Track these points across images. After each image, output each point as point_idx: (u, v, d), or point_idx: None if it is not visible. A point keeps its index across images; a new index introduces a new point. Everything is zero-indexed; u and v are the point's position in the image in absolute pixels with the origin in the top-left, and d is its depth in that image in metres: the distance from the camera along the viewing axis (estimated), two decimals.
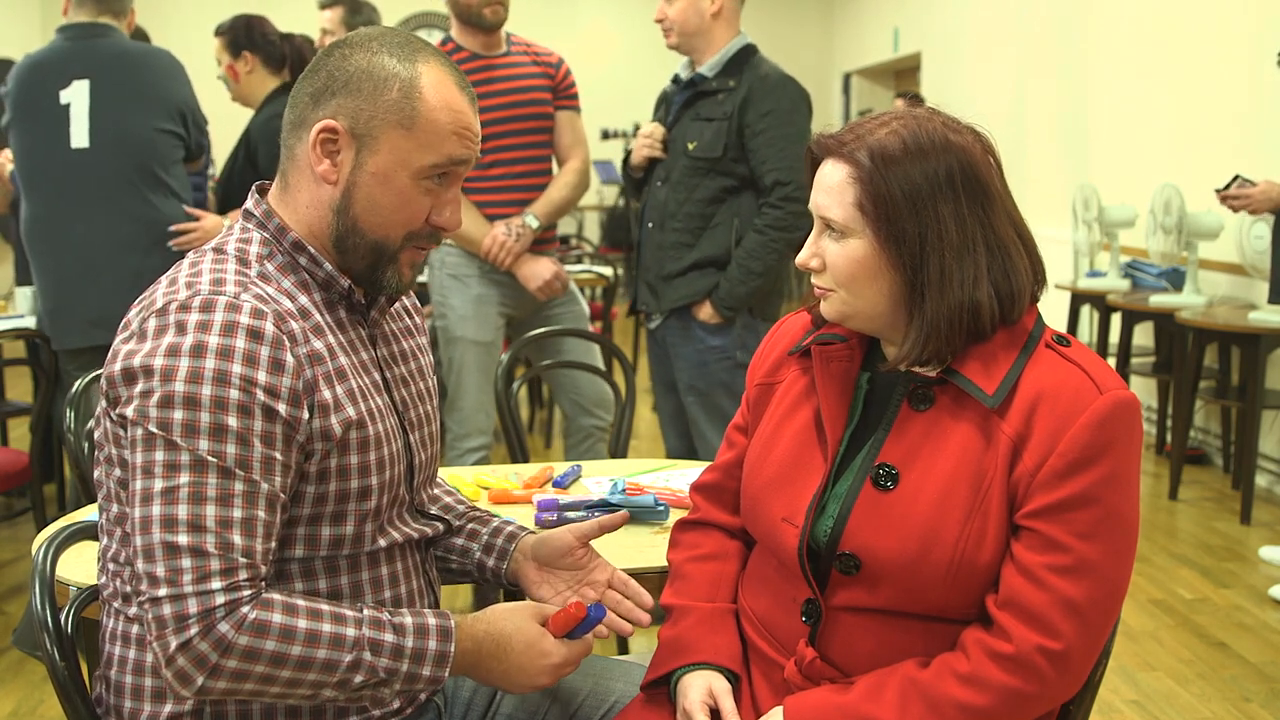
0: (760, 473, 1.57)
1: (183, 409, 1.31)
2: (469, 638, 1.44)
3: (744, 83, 3.32)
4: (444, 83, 1.45)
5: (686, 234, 3.37)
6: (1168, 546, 4.35)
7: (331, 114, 1.44)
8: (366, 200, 1.45)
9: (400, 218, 1.46)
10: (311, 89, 1.46)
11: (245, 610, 1.30)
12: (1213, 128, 5.45)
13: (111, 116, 3.50)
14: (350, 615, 1.37)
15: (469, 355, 3.64)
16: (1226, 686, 3.20)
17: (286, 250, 1.47)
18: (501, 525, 1.74)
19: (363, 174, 1.44)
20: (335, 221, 1.47)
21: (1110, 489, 1.36)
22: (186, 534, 1.29)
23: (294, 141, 1.48)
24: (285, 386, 1.35)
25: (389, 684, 1.39)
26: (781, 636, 1.52)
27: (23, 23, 9.89)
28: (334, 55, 1.47)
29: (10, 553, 4.28)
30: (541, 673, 1.47)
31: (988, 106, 7.66)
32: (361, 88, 1.43)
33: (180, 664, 1.29)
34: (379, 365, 1.54)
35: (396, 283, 1.51)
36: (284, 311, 1.39)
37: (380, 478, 1.46)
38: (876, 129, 1.44)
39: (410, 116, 1.43)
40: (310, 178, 1.47)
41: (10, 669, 3.35)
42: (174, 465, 1.31)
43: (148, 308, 1.38)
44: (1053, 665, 1.34)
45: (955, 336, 1.42)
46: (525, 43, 3.72)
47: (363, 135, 1.43)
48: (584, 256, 8.03)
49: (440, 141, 1.44)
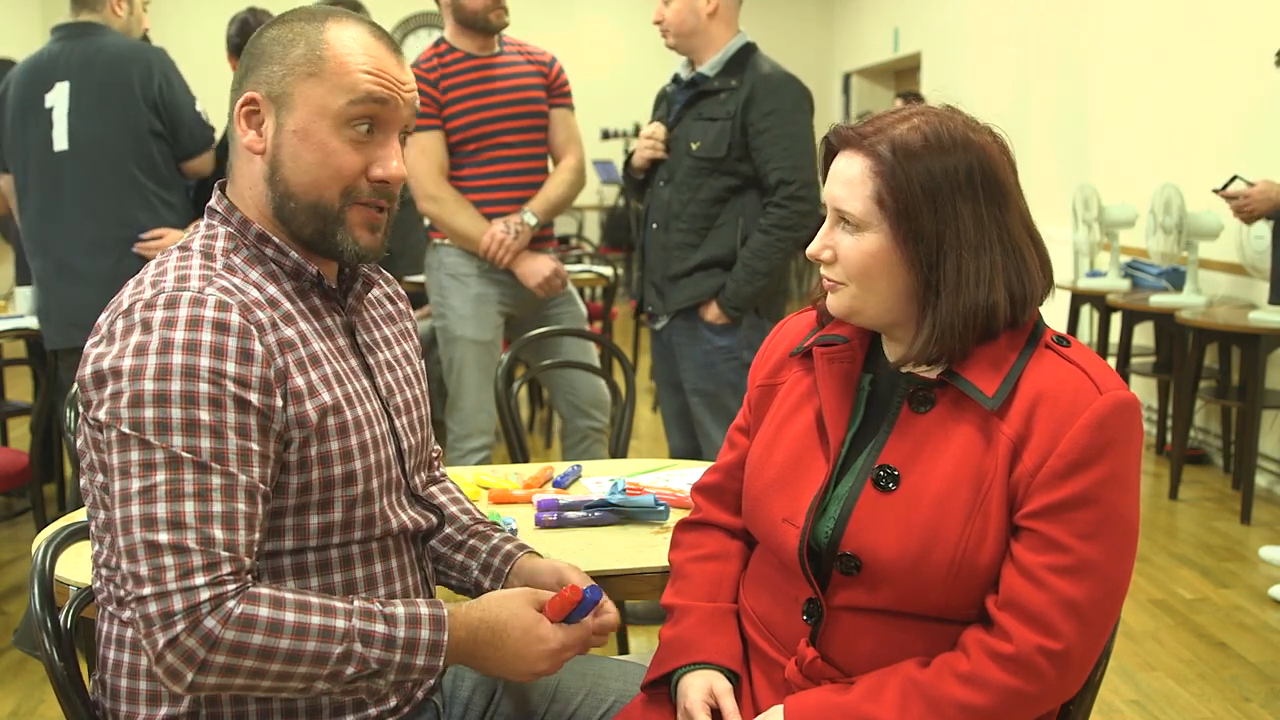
0: (762, 474, 1.57)
1: (153, 407, 1.30)
2: (463, 626, 1.43)
3: (746, 82, 3.32)
4: (354, 31, 1.46)
5: (691, 234, 3.37)
6: (1168, 546, 4.35)
7: (251, 87, 1.45)
8: (292, 161, 1.45)
9: (327, 172, 1.44)
10: (238, 76, 1.48)
11: (231, 605, 1.30)
12: (1213, 127, 5.45)
13: (86, 118, 3.51)
14: (340, 607, 1.36)
15: (469, 355, 3.64)
16: (1226, 686, 3.20)
17: (252, 243, 1.47)
18: (500, 544, 1.71)
19: (284, 135, 1.44)
20: (270, 192, 1.46)
21: (1110, 489, 1.36)
22: (167, 532, 1.29)
23: (234, 130, 1.49)
24: (256, 376, 1.35)
25: (383, 675, 1.38)
26: (782, 636, 1.52)
27: (23, 22, 9.89)
28: (253, 39, 1.49)
29: (10, 553, 4.28)
30: (540, 659, 1.46)
31: (988, 106, 7.58)
32: (272, 53, 1.45)
33: (169, 661, 1.29)
34: (358, 351, 1.54)
35: (353, 246, 1.47)
36: (250, 302, 1.39)
37: (365, 462, 1.46)
38: (898, 123, 1.43)
39: (317, 63, 1.43)
40: (245, 157, 1.48)
41: (10, 669, 3.35)
42: (149, 464, 1.30)
43: (114, 309, 1.38)
44: (1053, 665, 1.34)
45: (968, 337, 1.41)
46: (518, 43, 3.73)
47: (278, 96, 1.44)
48: (584, 256, 8.03)
49: (352, 82, 1.43)
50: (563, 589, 1.48)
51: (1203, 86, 5.54)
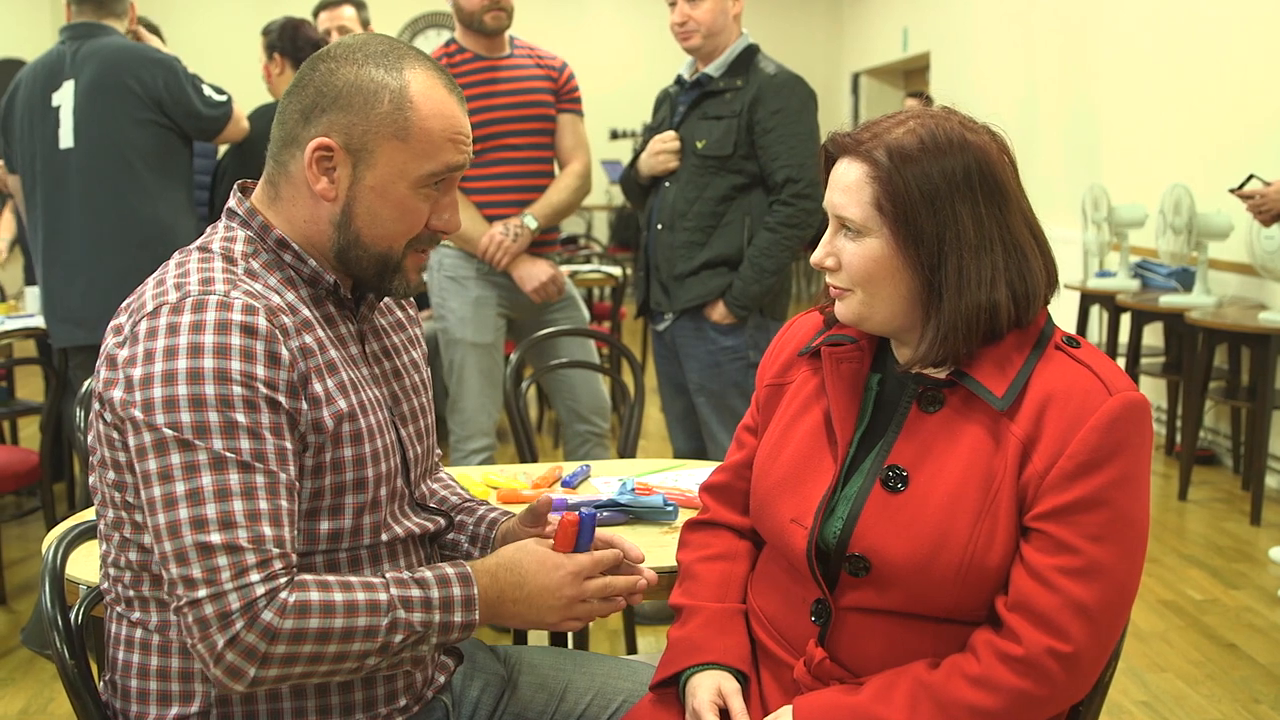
0: (769, 474, 1.57)
1: (190, 411, 1.31)
2: (485, 573, 1.46)
3: (752, 82, 3.33)
4: (434, 88, 1.45)
5: (698, 233, 3.37)
6: (1177, 547, 4.34)
7: (324, 131, 1.43)
8: (367, 214, 1.46)
9: (402, 228, 1.47)
10: (300, 106, 1.46)
11: (284, 595, 1.31)
12: (1223, 127, 5.44)
13: (90, 115, 3.54)
14: (377, 580, 1.39)
15: (469, 357, 3.63)
16: (1236, 688, 3.19)
17: (271, 248, 1.48)
18: (485, 514, 1.76)
19: (361, 188, 1.45)
20: (337, 236, 1.47)
21: (1120, 491, 1.36)
22: (219, 532, 1.29)
23: (286, 158, 1.47)
24: (283, 380, 1.36)
25: (426, 639, 1.40)
26: (791, 637, 1.52)
27: (32, 24, 9.92)
28: (319, 70, 1.46)
29: (20, 551, 4.29)
30: (562, 584, 1.47)
31: (997, 106, 7.59)
32: (352, 102, 1.43)
33: (230, 660, 1.29)
34: (369, 359, 1.55)
35: (404, 287, 1.53)
36: (274, 306, 1.39)
37: (375, 470, 1.47)
38: (894, 127, 1.43)
39: (404, 128, 1.43)
40: (307, 194, 1.47)
41: (20, 667, 3.36)
42: (193, 466, 1.31)
43: (138, 311, 1.38)
44: (1063, 667, 1.34)
45: (972, 337, 1.41)
46: (528, 46, 3.73)
47: (358, 150, 1.43)
48: (592, 256, 8.03)
49: (436, 150, 1.45)
50: (560, 519, 1.51)
51: (1213, 86, 5.53)
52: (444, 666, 1.63)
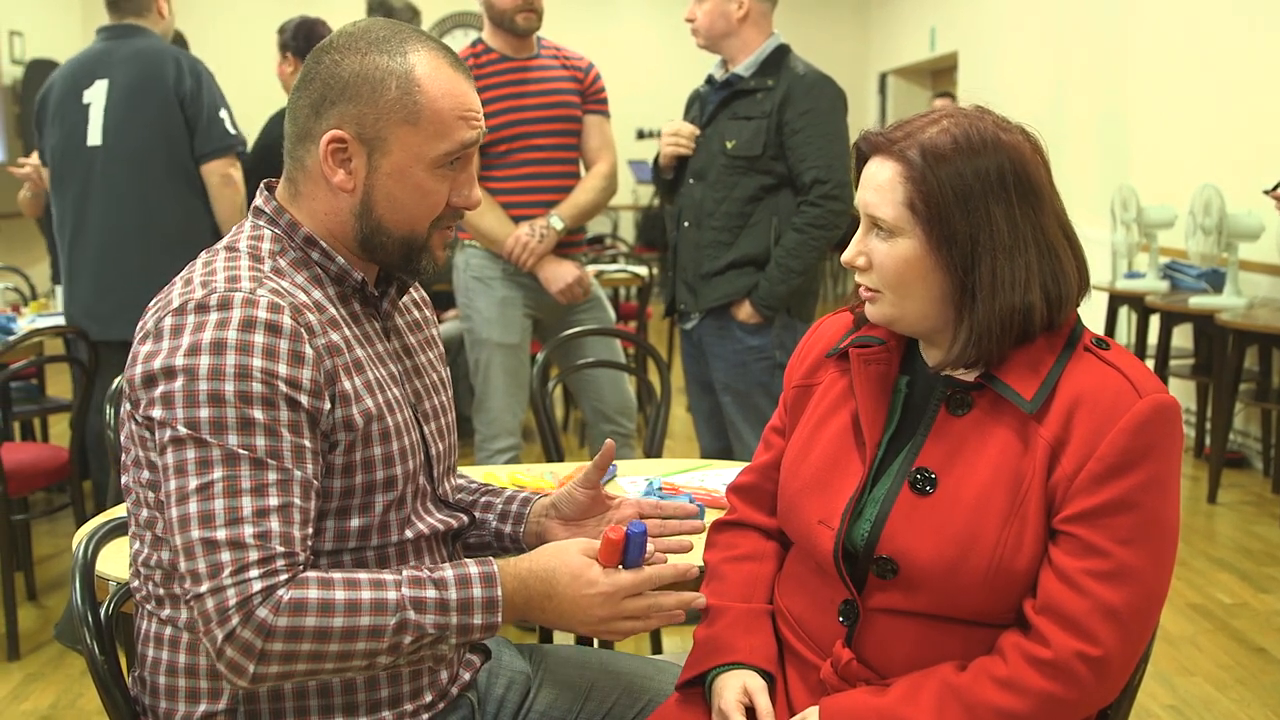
0: (797, 475, 1.57)
1: (208, 407, 1.32)
2: (513, 578, 1.43)
3: (782, 82, 3.32)
4: (439, 68, 1.46)
5: (725, 232, 3.37)
6: (1207, 550, 4.30)
7: (336, 124, 1.44)
8: (387, 200, 1.46)
9: (423, 210, 1.48)
10: (309, 100, 1.46)
11: (281, 593, 1.31)
12: (1253, 128, 5.39)
13: (119, 114, 3.60)
14: (389, 579, 1.37)
15: (495, 357, 3.64)
16: (1266, 693, 3.16)
17: (299, 245, 1.48)
18: (514, 494, 1.77)
19: (378, 177, 1.45)
20: (358, 226, 1.48)
21: (1150, 494, 1.35)
22: (224, 528, 1.30)
23: (301, 153, 1.48)
24: (307, 378, 1.37)
25: (443, 640, 1.38)
26: (818, 637, 1.52)
27: (63, 25, 9.99)
28: (323, 62, 1.46)
29: (50, 547, 4.33)
30: (594, 604, 1.43)
31: (1025, 106, 7.57)
32: (360, 92, 1.43)
33: (230, 655, 1.30)
34: (394, 357, 1.55)
35: (432, 265, 1.54)
36: (300, 304, 1.40)
37: (404, 467, 1.48)
38: (927, 126, 1.42)
39: (414, 112, 1.43)
40: (325, 188, 1.47)
41: (51, 662, 3.39)
42: (206, 462, 1.31)
43: (164, 307, 1.39)
44: (1091, 671, 1.33)
45: (1005, 340, 1.40)
46: (555, 46, 3.73)
47: (371, 139, 1.44)
48: (619, 256, 8.04)
49: (448, 129, 1.45)
50: (605, 532, 1.45)
51: (1243, 86, 5.48)
52: (469, 664, 1.64)
